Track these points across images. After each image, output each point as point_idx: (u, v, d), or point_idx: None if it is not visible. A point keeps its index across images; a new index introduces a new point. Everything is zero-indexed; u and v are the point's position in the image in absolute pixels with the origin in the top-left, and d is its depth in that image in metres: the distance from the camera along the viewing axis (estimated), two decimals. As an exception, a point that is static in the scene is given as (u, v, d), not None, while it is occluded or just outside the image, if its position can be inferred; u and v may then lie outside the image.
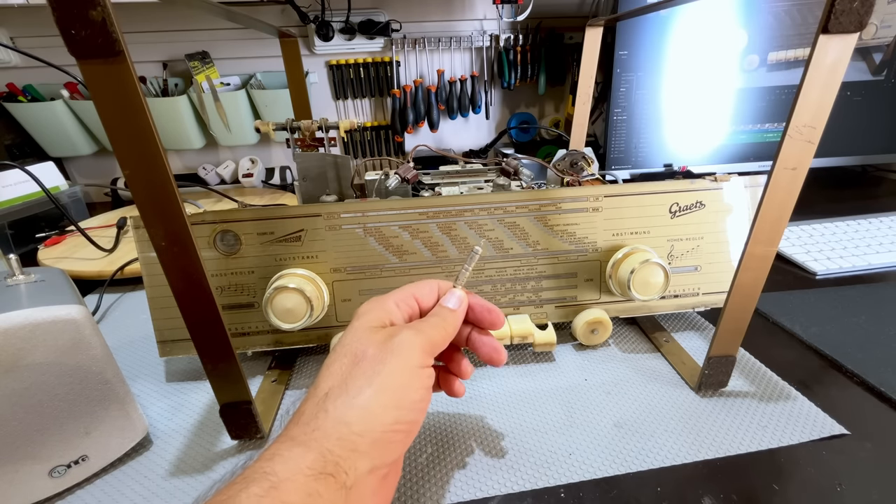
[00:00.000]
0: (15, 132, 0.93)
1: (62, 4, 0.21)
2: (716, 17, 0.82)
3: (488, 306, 0.31)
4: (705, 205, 0.44)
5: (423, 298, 0.30)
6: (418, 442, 0.36)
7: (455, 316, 0.29)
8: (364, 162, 0.57)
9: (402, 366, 0.24)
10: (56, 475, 0.31)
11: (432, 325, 0.27)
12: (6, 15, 0.89)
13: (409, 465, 0.34)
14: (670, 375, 0.42)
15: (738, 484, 0.31)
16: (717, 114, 0.88)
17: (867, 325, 0.47)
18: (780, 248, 0.63)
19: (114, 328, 0.53)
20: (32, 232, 0.73)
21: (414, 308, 0.29)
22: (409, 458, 0.34)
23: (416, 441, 0.36)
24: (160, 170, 0.25)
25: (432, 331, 0.27)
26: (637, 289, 0.41)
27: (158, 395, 0.42)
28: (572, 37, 1.05)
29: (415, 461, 0.34)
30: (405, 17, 0.99)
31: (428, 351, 0.26)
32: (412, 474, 0.33)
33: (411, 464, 0.34)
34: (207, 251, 0.40)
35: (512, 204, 0.42)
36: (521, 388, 0.41)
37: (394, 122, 1.06)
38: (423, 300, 0.30)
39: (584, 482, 0.32)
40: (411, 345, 0.25)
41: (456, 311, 0.29)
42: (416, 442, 0.36)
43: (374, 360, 0.24)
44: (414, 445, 0.35)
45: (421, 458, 0.34)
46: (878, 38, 0.84)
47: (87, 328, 0.30)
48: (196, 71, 0.91)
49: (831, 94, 0.28)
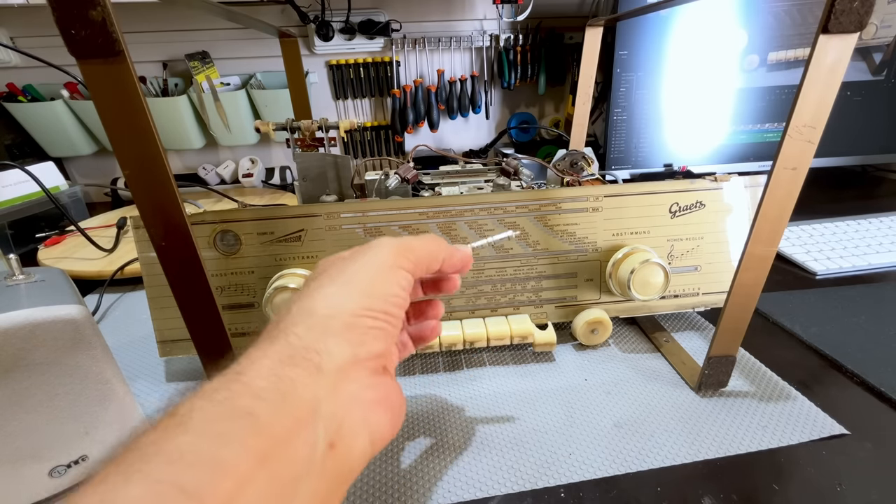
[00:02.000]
0: (15, 132, 0.93)
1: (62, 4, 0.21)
2: (716, 17, 0.82)
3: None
4: (705, 205, 0.44)
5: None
6: (418, 442, 0.36)
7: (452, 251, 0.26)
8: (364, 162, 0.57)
9: (371, 262, 0.22)
10: (56, 475, 0.31)
11: (418, 238, 0.25)
12: (6, 15, 0.89)
13: (408, 465, 0.34)
14: (670, 375, 0.42)
15: (738, 484, 0.31)
16: (717, 114, 0.88)
17: (867, 325, 0.47)
18: (780, 248, 0.63)
19: (114, 328, 0.53)
20: (32, 232, 0.73)
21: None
22: (408, 458, 0.34)
23: (416, 441, 0.36)
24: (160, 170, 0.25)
25: (415, 241, 0.25)
26: (637, 289, 0.41)
27: (158, 395, 0.42)
28: (572, 37, 1.05)
29: (415, 461, 0.34)
30: (405, 17, 0.99)
31: (403, 253, 0.23)
32: (412, 474, 0.33)
33: (411, 463, 0.34)
34: (207, 251, 0.40)
35: (512, 204, 0.42)
36: (521, 388, 0.41)
37: (394, 122, 1.06)
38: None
39: (584, 482, 0.32)
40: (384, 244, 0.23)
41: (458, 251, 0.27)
42: (416, 442, 0.36)
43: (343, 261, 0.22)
44: (414, 446, 0.35)
45: (421, 457, 0.34)
46: (878, 38, 0.84)
47: (87, 328, 0.30)
48: (196, 71, 0.91)
49: (831, 94, 0.28)
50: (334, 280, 0.21)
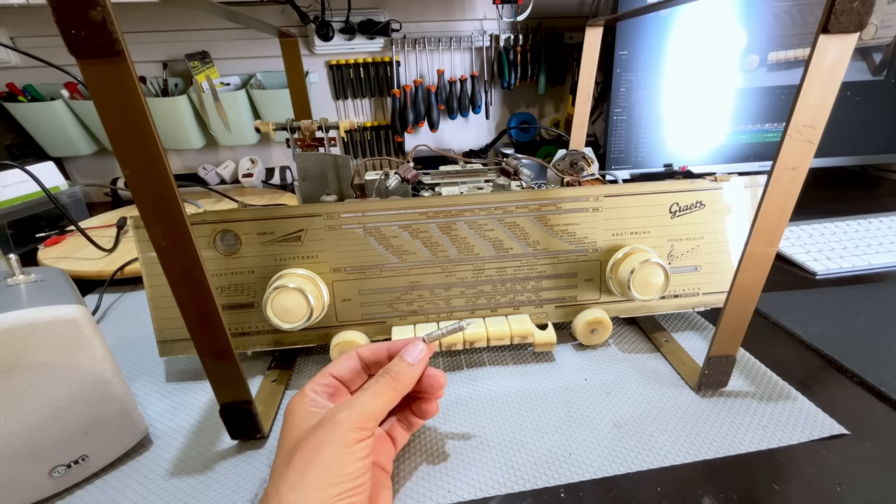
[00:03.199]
0: (15, 132, 0.93)
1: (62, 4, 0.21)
2: (716, 17, 0.82)
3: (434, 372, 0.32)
4: (705, 205, 0.44)
5: (341, 373, 0.31)
6: (418, 442, 0.36)
7: (412, 370, 0.30)
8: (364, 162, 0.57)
9: (332, 449, 0.25)
10: (56, 475, 0.31)
11: (372, 394, 0.28)
12: (6, 15, 0.89)
13: (408, 465, 0.34)
14: (670, 375, 0.42)
15: (738, 484, 0.31)
16: (717, 114, 0.88)
17: (867, 325, 0.47)
18: (780, 248, 0.63)
19: (114, 328, 0.53)
20: (32, 232, 0.73)
21: (335, 385, 0.31)
22: (408, 458, 0.34)
23: (416, 441, 0.36)
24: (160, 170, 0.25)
25: (370, 400, 0.28)
26: (637, 289, 0.41)
27: (158, 395, 0.42)
28: (572, 37, 1.05)
29: (415, 461, 0.34)
30: (405, 17, 0.99)
31: (359, 426, 0.26)
32: (412, 474, 0.33)
33: (411, 464, 0.34)
34: (207, 251, 0.40)
35: (512, 204, 0.42)
36: (521, 388, 0.41)
37: (394, 122, 1.06)
38: (343, 374, 0.31)
39: (584, 482, 0.32)
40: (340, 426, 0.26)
41: (414, 365, 0.30)
42: (416, 442, 0.36)
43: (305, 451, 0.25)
44: (414, 446, 0.35)
45: (421, 457, 0.34)
46: (878, 38, 0.84)
47: (87, 328, 0.30)
48: (196, 71, 0.91)
49: (831, 94, 0.28)
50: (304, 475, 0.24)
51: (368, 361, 0.32)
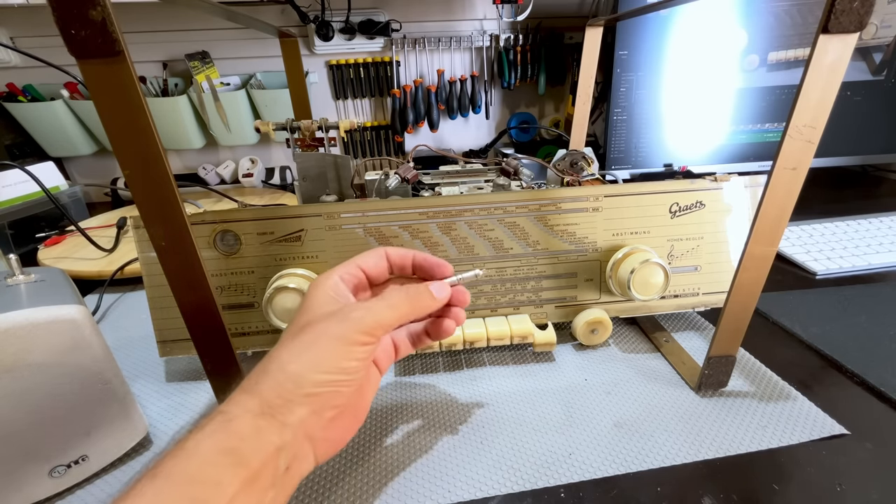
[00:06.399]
0: (15, 132, 0.93)
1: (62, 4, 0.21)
2: (716, 17, 0.82)
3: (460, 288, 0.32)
4: (705, 205, 0.44)
5: (369, 268, 0.31)
6: (419, 442, 0.36)
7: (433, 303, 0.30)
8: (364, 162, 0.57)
9: (336, 343, 0.25)
10: (56, 475, 0.31)
11: (388, 306, 0.28)
12: (6, 15, 0.89)
13: (408, 465, 0.34)
14: (670, 375, 0.42)
15: (738, 484, 0.31)
16: (717, 114, 0.88)
17: (867, 325, 0.47)
18: (780, 248, 0.63)
19: (114, 328, 0.53)
20: (32, 232, 0.73)
21: (360, 277, 0.31)
22: (408, 458, 0.34)
23: (416, 441, 0.36)
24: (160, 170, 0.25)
25: (386, 311, 0.27)
26: (637, 289, 0.41)
27: (158, 395, 0.42)
28: (572, 37, 1.05)
29: (415, 461, 0.34)
30: (405, 17, 0.99)
31: (368, 330, 0.26)
32: (412, 474, 0.33)
33: (411, 463, 0.34)
34: (207, 251, 0.40)
35: (512, 204, 0.42)
36: (521, 387, 0.41)
37: (394, 122, 1.06)
38: (370, 269, 0.31)
39: (584, 482, 0.32)
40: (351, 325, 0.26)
41: (437, 300, 0.30)
42: (416, 442, 0.36)
43: (312, 333, 0.26)
44: (414, 446, 0.35)
45: (421, 457, 0.34)
46: (878, 38, 0.84)
47: (87, 328, 0.30)
48: (196, 71, 0.91)
49: (831, 94, 0.28)
50: (303, 353, 0.25)
51: (394, 264, 0.32)
